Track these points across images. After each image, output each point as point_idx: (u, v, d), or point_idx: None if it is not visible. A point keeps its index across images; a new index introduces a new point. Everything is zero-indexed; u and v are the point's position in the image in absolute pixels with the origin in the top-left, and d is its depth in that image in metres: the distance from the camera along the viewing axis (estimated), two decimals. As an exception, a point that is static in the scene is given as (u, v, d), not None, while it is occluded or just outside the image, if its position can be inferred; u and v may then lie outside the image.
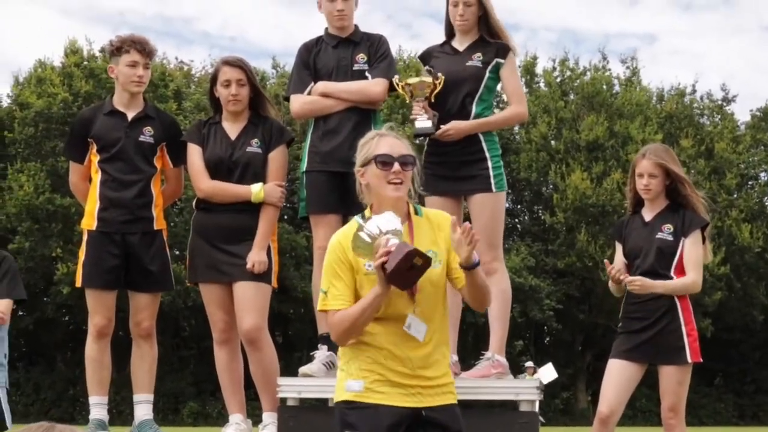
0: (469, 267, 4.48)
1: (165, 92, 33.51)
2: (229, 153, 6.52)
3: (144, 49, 6.68)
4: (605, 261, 6.76)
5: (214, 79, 6.67)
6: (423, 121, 6.33)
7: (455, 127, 6.39)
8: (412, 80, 6.46)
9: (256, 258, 6.39)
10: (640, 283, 6.43)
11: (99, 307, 6.62)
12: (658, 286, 6.46)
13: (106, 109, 6.79)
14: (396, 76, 6.59)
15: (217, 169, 6.51)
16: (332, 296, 4.55)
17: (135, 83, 6.70)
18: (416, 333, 4.51)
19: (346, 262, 4.55)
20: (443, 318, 4.65)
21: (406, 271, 4.29)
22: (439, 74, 6.46)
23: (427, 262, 4.33)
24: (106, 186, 6.61)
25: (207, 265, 6.52)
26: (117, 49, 6.68)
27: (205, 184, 6.52)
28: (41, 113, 31.88)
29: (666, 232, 6.56)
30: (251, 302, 6.40)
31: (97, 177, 6.67)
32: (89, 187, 6.76)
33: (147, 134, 6.70)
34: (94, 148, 6.69)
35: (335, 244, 4.62)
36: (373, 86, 6.58)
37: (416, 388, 4.51)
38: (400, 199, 4.62)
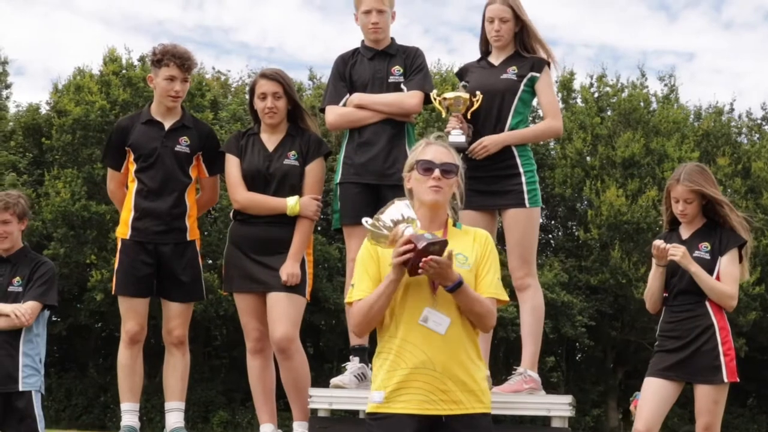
0: (449, 288, 4.48)
1: (202, 102, 33.67)
2: (266, 165, 6.54)
3: (183, 64, 6.69)
4: (655, 243, 6.66)
5: (252, 91, 6.69)
6: (456, 136, 6.33)
7: (489, 140, 6.39)
8: (449, 95, 6.47)
9: (289, 270, 6.40)
10: (683, 250, 6.38)
11: (131, 314, 6.66)
12: (695, 266, 6.39)
13: (143, 118, 6.82)
14: (434, 91, 6.60)
15: (254, 181, 6.53)
16: (357, 289, 4.62)
17: (171, 98, 6.73)
18: (435, 326, 4.49)
19: (375, 256, 4.63)
20: (469, 321, 4.61)
21: (424, 257, 4.37)
22: (477, 92, 6.46)
23: (442, 245, 4.37)
24: (141, 195, 6.65)
25: (242, 276, 6.54)
26: (158, 60, 6.70)
27: (241, 195, 6.54)
28: (79, 120, 32.09)
29: (703, 251, 6.51)
30: (284, 312, 6.41)
31: (133, 186, 6.71)
32: (126, 194, 6.79)
33: (183, 144, 6.72)
34: (131, 157, 6.73)
35: (365, 242, 4.71)
36: (408, 98, 6.58)
37: (439, 394, 4.48)
38: (439, 205, 4.67)
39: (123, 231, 6.71)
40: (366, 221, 4.59)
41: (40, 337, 6.94)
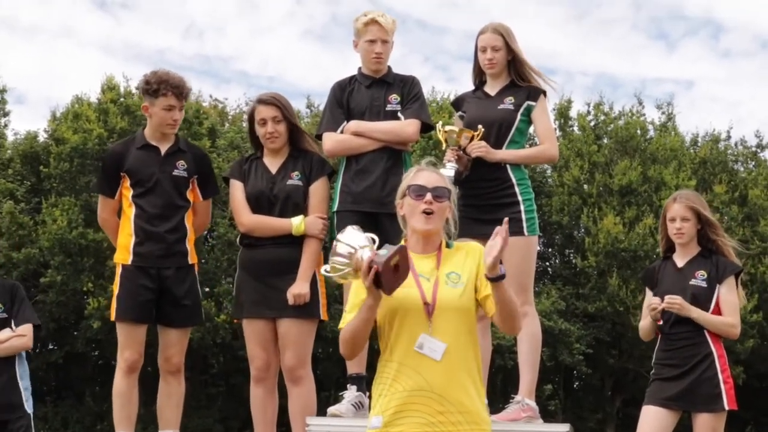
0: (493, 278, 4.41)
1: (199, 130, 33.69)
2: (269, 186, 6.54)
3: (181, 92, 6.71)
4: (652, 301, 6.67)
5: (251, 118, 6.70)
6: (448, 170, 6.32)
7: (489, 147, 6.41)
8: (449, 128, 6.52)
9: (296, 291, 6.37)
10: (680, 302, 6.39)
11: (130, 342, 6.63)
12: (695, 311, 6.41)
13: (138, 143, 6.83)
14: (440, 123, 6.63)
15: (258, 203, 6.54)
16: (346, 314, 4.62)
17: (170, 126, 6.74)
18: (431, 352, 4.45)
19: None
20: (469, 344, 4.56)
21: (393, 274, 4.33)
22: (480, 126, 6.49)
23: (401, 251, 4.33)
24: (142, 220, 6.64)
25: (253, 301, 6.51)
26: (155, 90, 6.69)
27: (246, 218, 6.54)
28: (76, 149, 32.10)
29: (700, 279, 6.52)
30: (295, 339, 6.42)
31: (131, 211, 6.69)
32: (119, 222, 6.79)
33: (181, 168, 6.73)
34: (126, 182, 6.73)
35: None
36: (405, 126, 6.60)
37: (437, 416, 4.44)
38: (433, 233, 4.65)
39: (123, 257, 6.69)
40: (324, 269, 4.57)
41: (25, 359, 7.09)
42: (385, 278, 4.32)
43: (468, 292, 4.55)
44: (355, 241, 4.47)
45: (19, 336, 6.99)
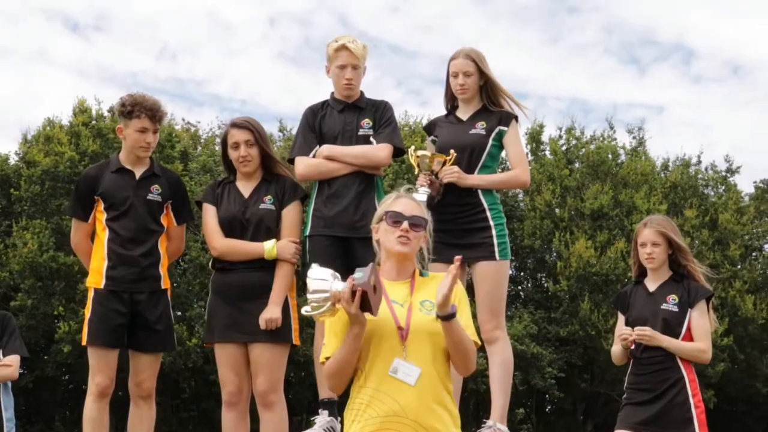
0: (443, 316, 4.42)
1: (171, 153, 33.61)
2: (242, 210, 6.53)
3: (154, 115, 6.70)
4: (623, 331, 6.69)
5: (224, 142, 6.70)
6: (421, 195, 6.34)
7: (460, 173, 6.44)
8: (421, 153, 6.55)
9: (268, 316, 6.34)
10: (650, 333, 6.43)
11: (102, 366, 6.58)
12: (666, 341, 6.45)
13: (113, 166, 6.81)
14: (412, 147, 6.65)
15: (231, 227, 6.52)
16: (327, 347, 4.59)
17: (143, 148, 6.73)
18: (405, 377, 4.45)
19: (341, 314, 4.56)
20: (442, 369, 4.57)
21: (374, 293, 4.36)
22: (452, 150, 6.52)
23: (373, 271, 4.36)
24: (115, 243, 6.61)
25: (225, 326, 6.47)
26: (129, 112, 6.69)
27: (218, 242, 6.53)
28: (48, 171, 31.96)
29: (671, 303, 6.56)
30: (267, 363, 6.38)
31: (104, 235, 6.66)
32: (92, 246, 6.76)
33: (155, 192, 6.72)
34: (100, 206, 6.71)
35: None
36: (377, 151, 6.62)
37: None
38: (407, 257, 4.66)
39: (96, 281, 6.66)
40: (305, 310, 4.53)
41: (10, 390, 7.02)
42: (371, 298, 4.34)
43: (439, 321, 4.56)
44: (324, 274, 4.47)
45: (4, 366, 6.92)
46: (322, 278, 4.45)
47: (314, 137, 6.74)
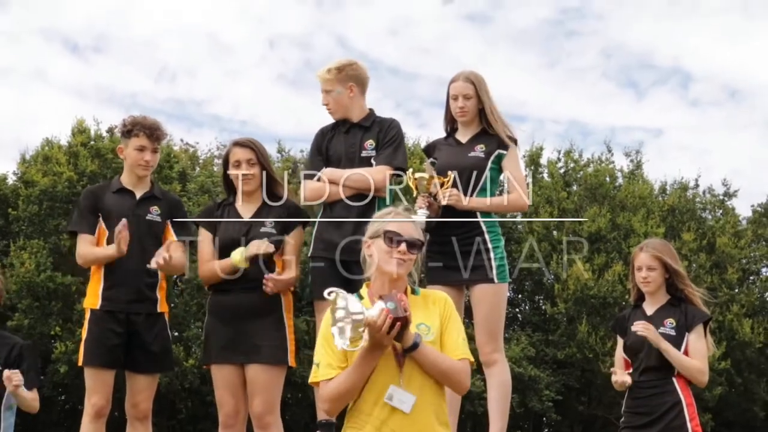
0: (406, 349, 4.44)
1: (170, 173, 33.63)
2: (242, 234, 6.51)
3: (153, 134, 6.73)
4: (612, 369, 6.70)
5: (225, 161, 6.70)
6: (419, 216, 6.32)
7: (460, 195, 6.42)
8: (419, 175, 6.55)
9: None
10: (653, 333, 6.41)
11: (99, 386, 6.58)
12: (664, 343, 6.43)
13: (114, 187, 6.85)
14: (410, 169, 6.64)
15: (230, 251, 6.47)
16: (323, 368, 4.55)
17: (141, 167, 6.75)
18: (400, 404, 4.45)
19: None
20: (438, 395, 4.57)
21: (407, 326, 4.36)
22: (449, 172, 6.52)
23: (402, 297, 4.37)
24: (113, 264, 6.62)
25: (222, 347, 6.46)
26: (128, 131, 6.74)
27: (200, 270, 6.56)
28: (46, 191, 31.95)
29: (668, 327, 6.56)
30: (264, 385, 6.38)
31: (102, 254, 6.68)
32: (102, 244, 6.73)
33: (154, 213, 6.74)
34: (102, 224, 6.72)
35: (327, 317, 4.61)
36: (374, 174, 6.61)
37: None
38: (401, 278, 4.65)
39: (92, 302, 6.67)
40: (342, 345, 4.36)
41: (14, 414, 6.94)
42: (406, 329, 4.35)
43: (437, 342, 4.57)
44: (357, 305, 4.38)
45: (34, 400, 6.82)
46: (359, 311, 4.35)
47: (320, 160, 6.76)
